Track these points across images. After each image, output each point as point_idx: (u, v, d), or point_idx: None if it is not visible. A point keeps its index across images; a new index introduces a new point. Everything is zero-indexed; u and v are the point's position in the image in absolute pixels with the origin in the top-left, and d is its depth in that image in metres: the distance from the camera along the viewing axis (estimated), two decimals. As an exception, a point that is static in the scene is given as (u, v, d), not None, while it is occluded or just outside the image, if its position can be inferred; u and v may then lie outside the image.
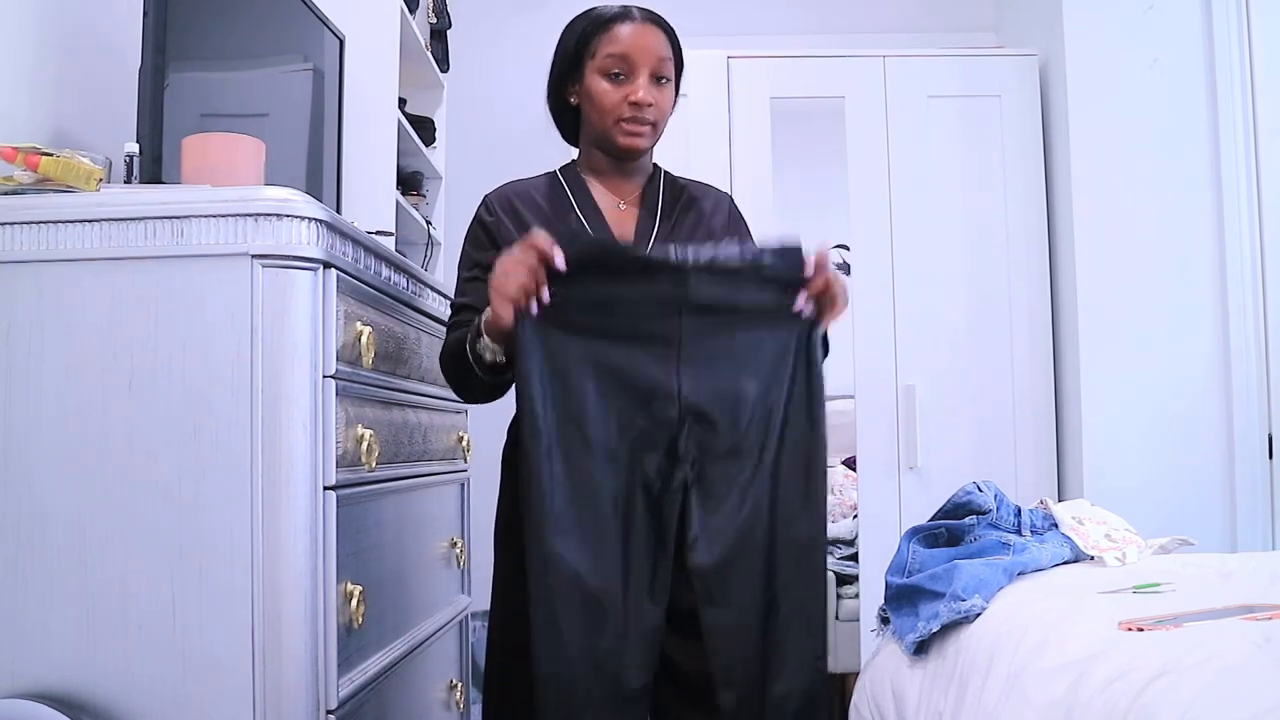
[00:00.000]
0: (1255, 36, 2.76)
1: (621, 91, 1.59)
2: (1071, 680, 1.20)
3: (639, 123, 1.60)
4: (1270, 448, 2.71)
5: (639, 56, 1.59)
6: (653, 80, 1.60)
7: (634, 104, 1.59)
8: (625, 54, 1.58)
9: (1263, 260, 2.74)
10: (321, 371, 1.37)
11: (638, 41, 1.60)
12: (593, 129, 1.65)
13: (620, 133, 1.61)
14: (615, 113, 1.60)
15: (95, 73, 1.87)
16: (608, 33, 1.60)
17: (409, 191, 3.13)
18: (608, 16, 1.62)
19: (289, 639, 1.31)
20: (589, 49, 1.62)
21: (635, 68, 1.59)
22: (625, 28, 1.60)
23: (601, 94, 1.60)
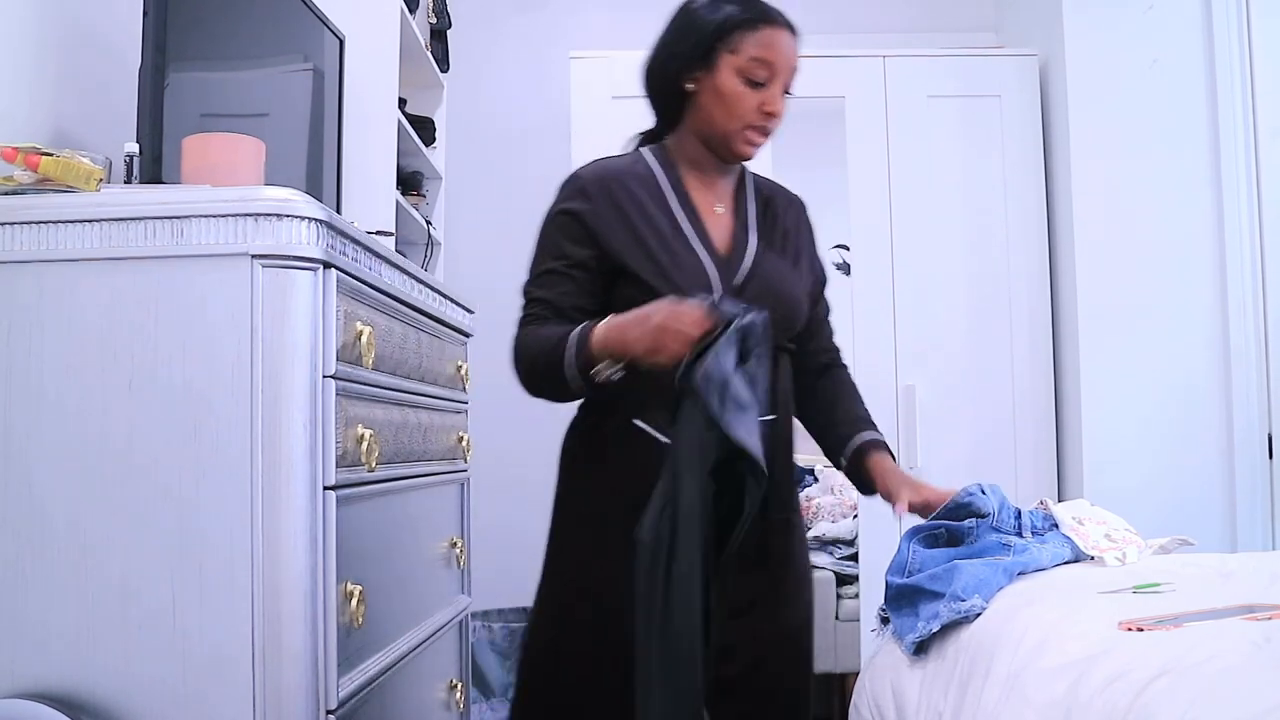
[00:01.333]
0: (1255, 36, 2.76)
1: (757, 98, 1.54)
2: (1071, 680, 1.20)
3: (764, 133, 1.57)
4: (1270, 448, 2.71)
5: (783, 66, 1.55)
6: (783, 91, 1.57)
7: (767, 114, 1.55)
8: (773, 62, 1.53)
9: (1263, 260, 2.74)
10: (321, 371, 1.37)
11: (786, 51, 1.56)
12: (709, 124, 1.57)
13: (742, 139, 1.56)
14: (745, 118, 1.55)
15: (95, 73, 1.87)
16: (756, 33, 1.54)
17: (409, 191, 3.13)
18: (756, 14, 1.55)
19: (289, 639, 1.31)
20: (730, 43, 1.53)
21: (775, 77, 1.54)
22: (776, 34, 1.55)
23: (736, 95, 1.54)
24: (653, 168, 1.62)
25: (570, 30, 3.67)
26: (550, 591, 1.64)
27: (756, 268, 1.58)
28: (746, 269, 1.57)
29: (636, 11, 3.76)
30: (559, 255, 1.55)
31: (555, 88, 3.37)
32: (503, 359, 1.62)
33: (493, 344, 3.18)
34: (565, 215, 1.57)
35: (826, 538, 3.40)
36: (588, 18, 3.72)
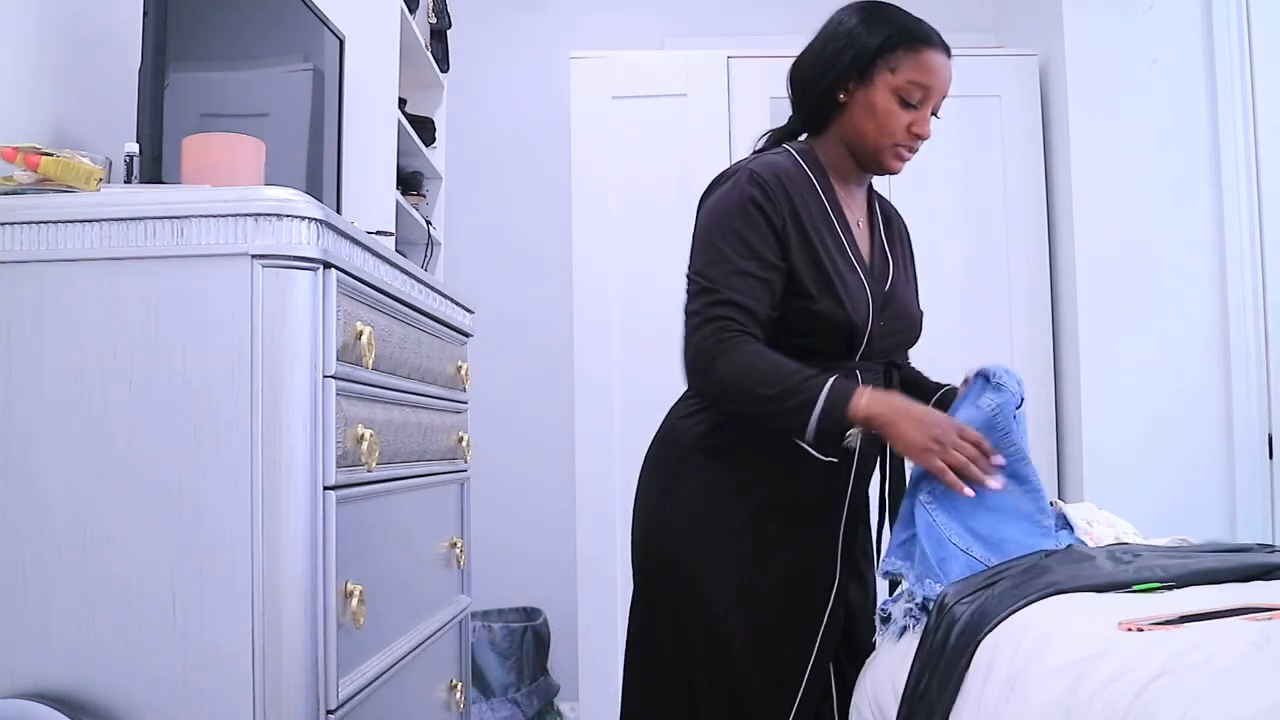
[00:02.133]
0: (1255, 36, 2.76)
1: (909, 118, 1.57)
2: (1071, 680, 1.20)
3: (911, 152, 1.60)
4: (1270, 447, 2.71)
5: (938, 90, 1.58)
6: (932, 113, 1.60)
7: (916, 135, 1.58)
8: (930, 86, 1.56)
9: (1263, 260, 2.74)
10: (321, 371, 1.37)
11: (943, 75, 1.58)
12: (859, 137, 1.60)
13: (892, 155, 1.59)
14: (895, 137, 1.57)
15: (95, 73, 1.87)
16: (917, 55, 1.56)
17: (409, 191, 3.13)
18: (920, 36, 1.58)
19: (289, 639, 1.31)
20: (890, 61, 1.56)
21: (928, 99, 1.57)
22: (936, 58, 1.57)
23: (889, 114, 1.56)
24: (807, 172, 1.60)
25: (570, 30, 3.67)
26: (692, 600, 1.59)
27: (894, 287, 1.64)
28: (888, 288, 1.63)
29: (636, 11, 3.78)
30: (753, 255, 1.51)
31: (555, 88, 3.37)
32: (504, 359, 1.62)
33: (493, 344, 3.19)
34: (755, 211, 1.52)
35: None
36: (588, 18, 3.72)
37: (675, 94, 3.02)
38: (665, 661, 1.61)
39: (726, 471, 1.59)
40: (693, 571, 1.58)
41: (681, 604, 1.59)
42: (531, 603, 3.42)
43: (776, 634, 1.57)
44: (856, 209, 1.66)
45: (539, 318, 3.45)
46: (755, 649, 1.56)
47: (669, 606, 1.61)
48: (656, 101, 3.03)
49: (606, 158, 3.00)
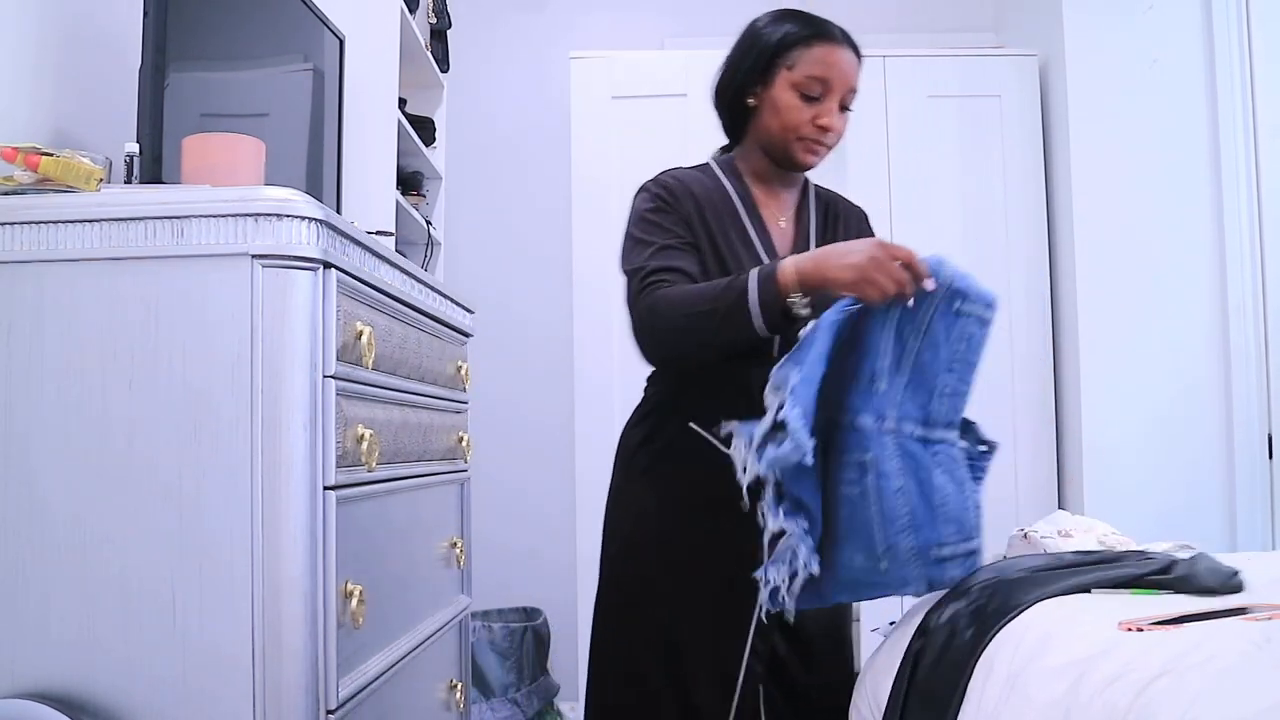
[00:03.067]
0: (1255, 36, 2.77)
1: (811, 111, 1.60)
2: (1071, 680, 1.20)
3: (820, 144, 1.62)
4: (1270, 448, 2.71)
5: (838, 83, 1.61)
6: (839, 107, 1.62)
7: (820, 127, 1.60)
8: (826, 79, 1.59)
9: (1263, 260, 2.74)
10: (321, 371, 1.37)
11: (840, 67, 1.61)
12: (768, 136, 1.64)
13: (801, 148, 1.62)
14: (799, 131, 1.61)
15: (95, 73, 1.87)
16: (810, 50, 1.60)
17: (409, 191, 3.13)
18: (815, 32, 1.61)
19: (289, 639, 1.31)
20: (788, 59, 1.61)
21: (830, 91, 1.60)
22: (831, 50, 1.60)
23: (790, 109, 1.60)
24: (721, 179, 1.69)
25: (570, 30, 3.67)
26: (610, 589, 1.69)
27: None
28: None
29: (636, 11, 3.78)
30: (670, 234, 1.58)
31: (555, 88, 3.37)
32: (504, 359, 1.63)
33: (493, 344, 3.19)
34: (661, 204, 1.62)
35: (826, 538, 3.39)
36: (588, 18, 3.72)
37: (675, 94, 3.02)
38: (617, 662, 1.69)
39: (660, 478, 1.66)
40: (635, 576, 1.67)
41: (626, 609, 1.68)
42: (531, 603, 3.42)
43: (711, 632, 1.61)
44: (779, 208, 1.70)
45: (539, 318, 3.45)
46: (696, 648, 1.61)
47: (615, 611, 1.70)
48: (656, 101, 3.03)
49: (606, 158, 3.00)
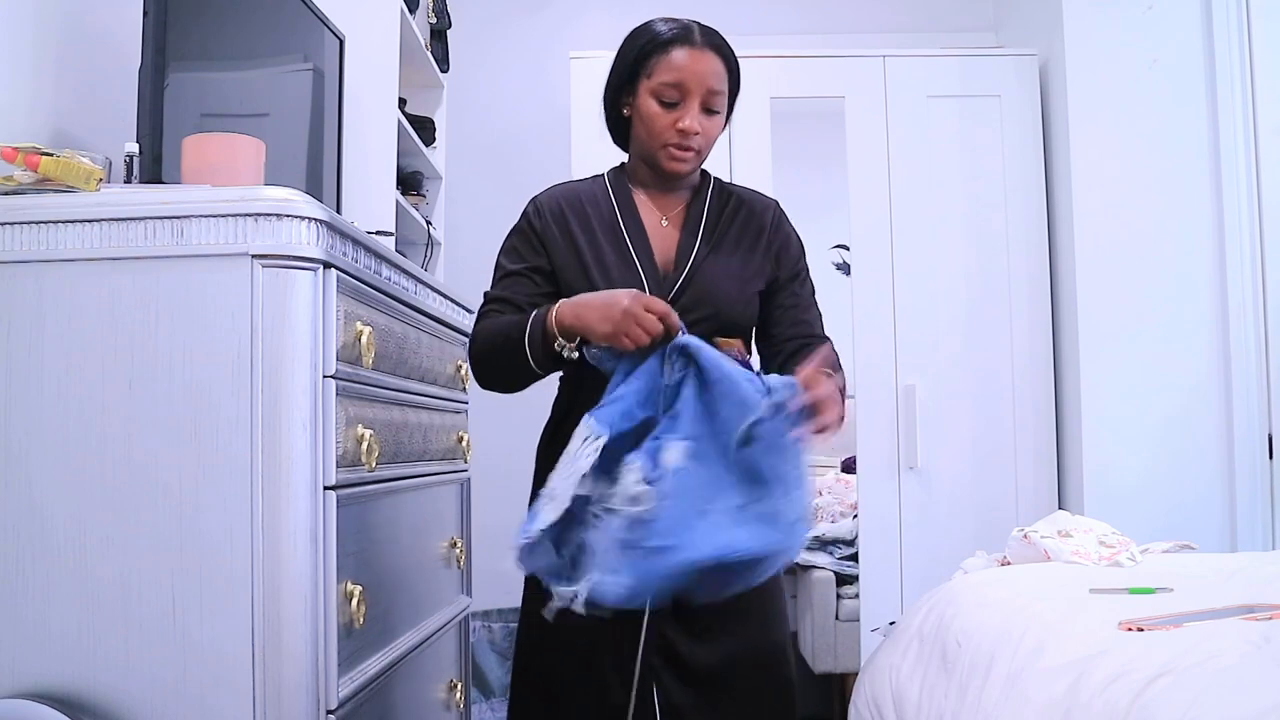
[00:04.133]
0: (1255, 36, 2.76)
1: (671, 117, 1.60)
2: (1071, 680, 1.20)
3: (684, 149, 1.62)
4: (1270, 448, 2.71)
5: (693, 84, 1.59)
6: (703, 109, 1.61)
7: (681, 131, 1.60)
8: (680, 82, 1.59)
9: (1263, 260, 2.74)
10: (321, 371, 1.37)
11: (694, 69, 1.59)
12: (641, 145, 1.67)
13: (666, 156, 1.62)
14: (662, 137, 1.61)
15: (95, 73, 1.87)
16: (665, 56, 1.60)
17: (409, 191, 3.13)
18: (668, 37, 1.62)
19: (289, 639, 1.31)
20: (646, 67, 1.62)
21: (688, 95, 1.60)
22: (683, 54, 1.60)
23: (652, 116, 1.61)
24: (610, 189, 1.72)
25: (570, 30, 3.67)
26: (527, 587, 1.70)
27: (694, 271, 1.65)
28: (684, 275, 1.64)
29: (636, 11, 3.76)
30: (516, 260, 1.66)
31: (555, 88, 3.37)
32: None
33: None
34: (520, 230, 1.69)
35: (826, 538, 3.39)
36: (588, 18, 3.72)
37: (675, 94, 3.02)
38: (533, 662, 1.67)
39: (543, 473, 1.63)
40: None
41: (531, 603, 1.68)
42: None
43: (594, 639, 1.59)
44: (663, 211, 1.71)
45: (539, 317, 3.44)
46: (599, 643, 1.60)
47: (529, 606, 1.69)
48: (656, 101, 3.03)
49: (606, 158, 2.99)
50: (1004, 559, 2.03)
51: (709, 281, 1.66)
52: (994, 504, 2.90)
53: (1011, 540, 2.06)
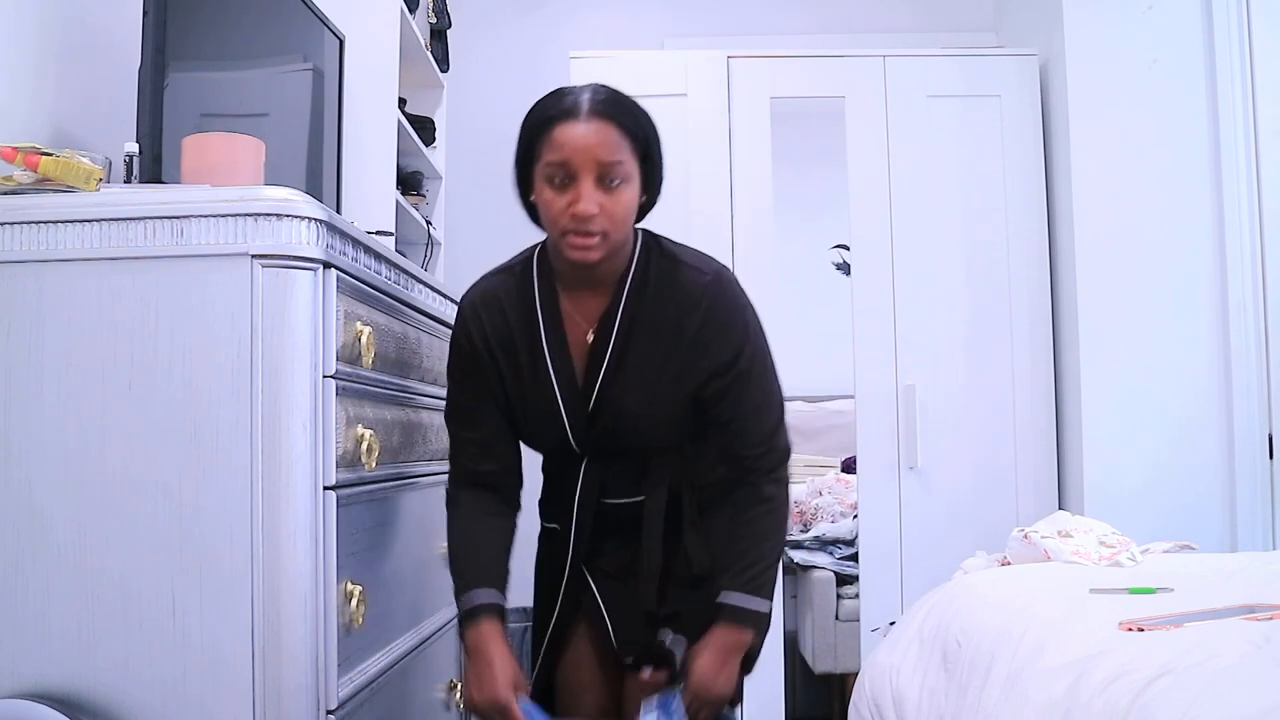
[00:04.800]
0: (1255, 36, 2.76)
1: (564, 200, 1.44)
2: (1071, 680, 1.20)
3: (585, 235, 1.44)
4: (1270, 448, 2.71)
5: (579, 161, 1.43)
6: (600, 185, 1.44)
7: (575, 216, 1.43)
8: (564, 161, 1.43)
9: (1263, 260, 2.74)
10: (321, 371, 1.37)
11: (578, 144, 1.43)
12: (547, 234, 1.53)
13: (567, 246, 1.46)
14: (559, 224, 1.45)
15: (95, 73, 1.87)
16: (549, 135, 1.45)
17: (409, 191, 3.13)
18: (549, 114, 1.47)
19: (289, 639, 1.31)
20: (535, 150, 1.48)
21: (577, 174, 1.43)
22: (565, 130, 1.44)
23: (546, 203, 1.46)
24: (534, 285, 1.58)
25: (570, 30, 3.67)
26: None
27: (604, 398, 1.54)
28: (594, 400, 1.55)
29: (636, 11, 3.78)
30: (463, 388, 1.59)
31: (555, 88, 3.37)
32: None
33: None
34: (456, 349, 1.60)
35: (826, 538, 3.40)
36: (588, 18, 3.72)
37: (675, 94, 3.02)
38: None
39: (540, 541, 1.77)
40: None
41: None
42: (531, 602, 3.41)
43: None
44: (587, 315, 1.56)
45: (539, 318, 3.44)
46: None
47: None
48: (656, 101, 2.97)
49: (606, 158, 3.00)
50: (1004, 559, 2.03)
51: (615, 405, 1.54)
52: (994, 504, 2.90)
53: (1011, 540, 2.06)
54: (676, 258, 1.57)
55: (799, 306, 3.83)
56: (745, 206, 2.99)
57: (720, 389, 1.54)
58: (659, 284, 1.55)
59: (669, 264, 1.56)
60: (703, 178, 2.98)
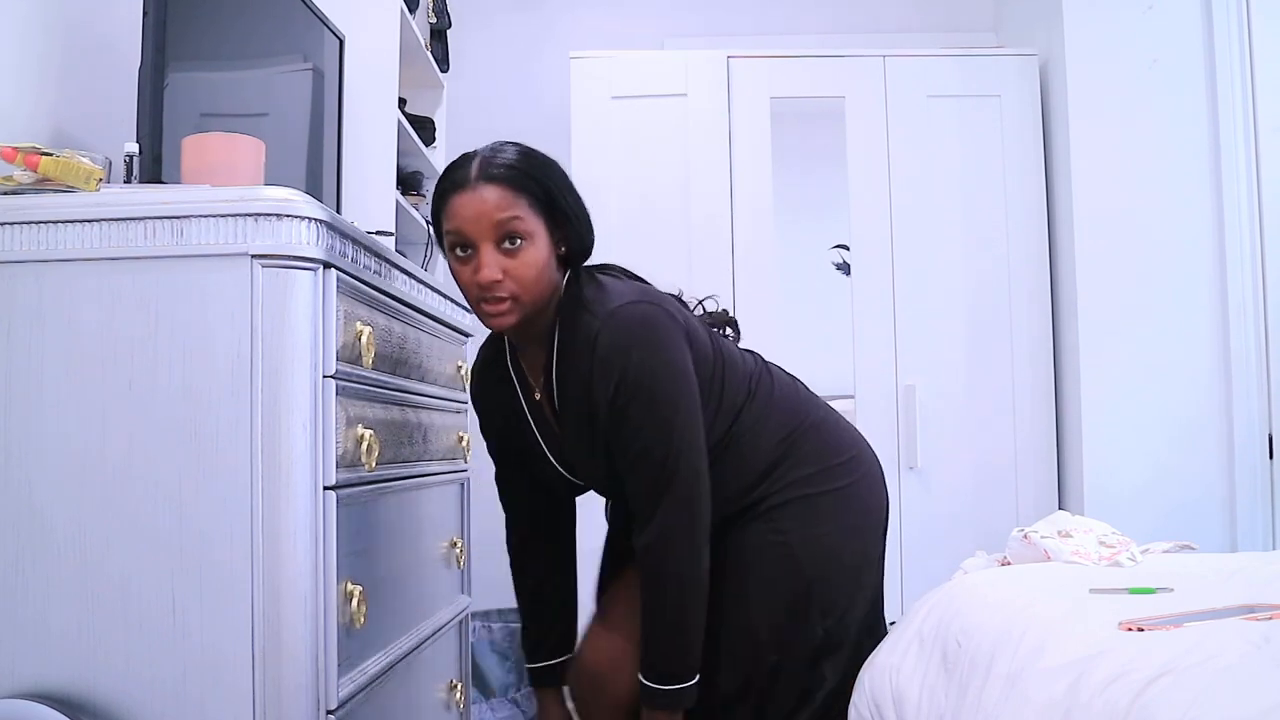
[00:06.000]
0: (1255, 36, 2.76)
1: (469, 269, 1.46)
2: (1071, 680, 1.20)
3: (495, 301, 1.45)
4: (1270, 448, 2.71)
5: (474, 229, 1.44)
6: (500, 249, 1.44)
7: (479, 285, 1.45)
8: (459, 230, 1.45)
9: (1263, 260, 2.74)
10: (321, 371, 1.37)
11: (469, 212, 1.44)
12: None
13: (482, 315, 1.48)
14: (470, 294, 1.47)
15: (95, 73, 1.87)
16: (445, 206, 1.47)
17: (409, 191, 3.13)
18: (443, 187, 1.49)
19: (289, 639, 1.31)
20: (440, 223, 1.49)
21: (476, 241, 1.44)
22: (457, 201, 1.46)
23: (456, 274, 1.49)
24: (505, 351, 1.68)
25: (570, 30, 3.67)
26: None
27: (564, 453, 1.66)
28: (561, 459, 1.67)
29: (636, 11, 3.78)
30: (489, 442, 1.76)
31: (555, 88, 3.37)
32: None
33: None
34: (474, 397, 1.76)
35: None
36: (587, 18, 3.72)
37: (675, 94, 3.02)
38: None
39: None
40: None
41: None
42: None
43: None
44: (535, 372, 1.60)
45: (539, 318, 3.44)
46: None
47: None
48: (656, 101, 3.03)
49: (606, 158, 3.00)
50: (1004, 559, 2.02)
51: (574, 460, 1.64)
52: (994, 504, 2.90)
53: (1011, 540, 2.06)
54: (584, 304, 1.53)
55: (799, 306, 3.82)
56: (745, 206, 2.99)
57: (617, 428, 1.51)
58: (573, 337, 1.53)
59: (579, 313, 1.53)
60: (703, 178, 2.98)
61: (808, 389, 1.82)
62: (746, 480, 1.64)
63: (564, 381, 1.55)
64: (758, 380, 1.70)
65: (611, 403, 1.50)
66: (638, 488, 1.54)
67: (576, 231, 1.54)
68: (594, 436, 1.55)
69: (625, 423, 1.50)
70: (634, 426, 1.50)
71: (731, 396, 1.64)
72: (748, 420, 1.65)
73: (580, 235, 1.55)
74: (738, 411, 1.64)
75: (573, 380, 1.53)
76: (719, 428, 1.62)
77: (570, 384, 1.54)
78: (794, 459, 1.67)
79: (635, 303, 1.53)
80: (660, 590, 1.53)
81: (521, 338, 1.58)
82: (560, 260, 1.54)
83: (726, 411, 1.63)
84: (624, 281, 1.60)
